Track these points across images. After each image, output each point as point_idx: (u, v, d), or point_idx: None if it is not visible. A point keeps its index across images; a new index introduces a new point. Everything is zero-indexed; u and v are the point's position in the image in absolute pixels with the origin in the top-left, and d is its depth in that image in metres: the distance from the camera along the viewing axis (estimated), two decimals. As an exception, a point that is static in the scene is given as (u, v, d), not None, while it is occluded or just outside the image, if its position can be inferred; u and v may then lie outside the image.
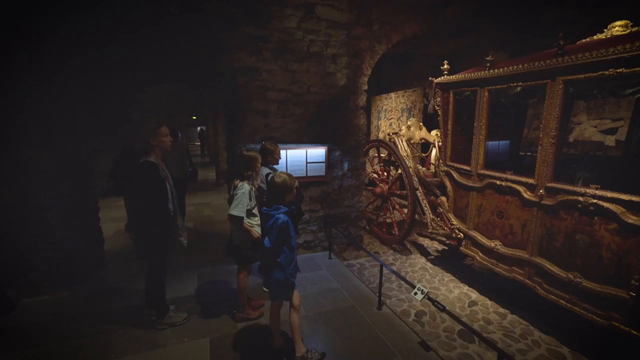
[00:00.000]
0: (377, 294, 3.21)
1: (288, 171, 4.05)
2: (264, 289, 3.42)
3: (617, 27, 2.71)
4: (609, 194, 2.37)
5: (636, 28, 2.63)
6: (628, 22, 2.71)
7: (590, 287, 2.50)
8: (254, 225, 2.68)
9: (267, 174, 3.10)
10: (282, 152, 4.04)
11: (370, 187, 5.55)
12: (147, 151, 2.50)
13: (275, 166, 3.36)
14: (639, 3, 3.91)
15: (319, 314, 3.03)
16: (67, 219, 3.31)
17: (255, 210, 2.69)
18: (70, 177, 3.34)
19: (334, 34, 4.13)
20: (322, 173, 4.35)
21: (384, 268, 3.17)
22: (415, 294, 2.69)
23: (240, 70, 3.84)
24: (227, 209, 2.61)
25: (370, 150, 5.85)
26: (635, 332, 2.25)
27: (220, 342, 2.63)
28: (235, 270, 2.92)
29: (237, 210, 2.53)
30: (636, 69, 2.19)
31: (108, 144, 5.49)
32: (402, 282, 3.64)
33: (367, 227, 5.59)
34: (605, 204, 2.37)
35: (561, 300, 2.73)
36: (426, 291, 2.66)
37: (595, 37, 2.85)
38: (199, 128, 22.91)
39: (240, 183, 2.59)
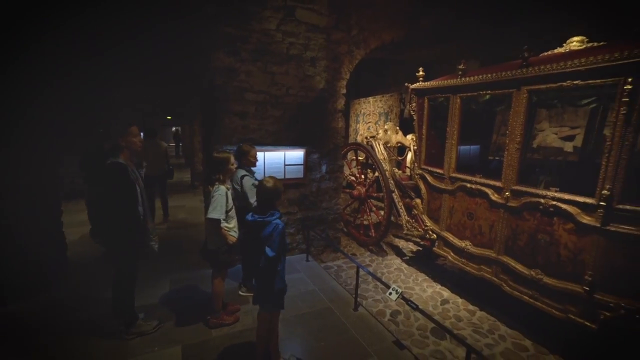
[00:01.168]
0: (354, 295, 3.26)
1: (266, 173, 4.05)
2: (240, 293, 3.37)
3: (575, 42, 2.93)
4: (567, 197, 2.56)
5: (591, 44, 2.85)
6: (584, 38, 2.94)
7: (550, 283, 2.67)
8: (231, 229, 2.64)
9: (242, 176, 3.06)
10: (260, 154, 4.01)
11: (348, 190, 5.62)
12: (115, 152, 2.40)
13: (253, 168, 3.33)
14: (595, 20, 4.25)
15: (295, 317, 3.03)
16: (28, 224, 3.11)
17: (232, 213, 2.65)
18: (34, 179, 3.14)
19: (313, 37, 4.17)
20: (300, 175, 4.36)
21: (360, 269, 3.23)
22: (390, 294, 2.75)
23: (218, 70, 3.78)
24: (203, 212, 2.56)
25: (349, 153, 5.93)
26: (588, 324, 2.44)
27: (192, 350, 2.55)
28: (211, 275, 2.86)
29: (216, 212, 2.48)
30: (590, 81, 2.38)
31: (76, 145, 5.24)
32: (378, 283, 3.71)
33: (345, 229, 5.66)
34: (563, 206, 2.55)
35: (524, 296, 2.90)
36: (400, 291, 2.74)
37: (555, 51, 3.06)
38: (173, 128, 22.22)
39: (215, 186, 2.54)
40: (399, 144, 5.57)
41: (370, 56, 5.38)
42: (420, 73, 4.06)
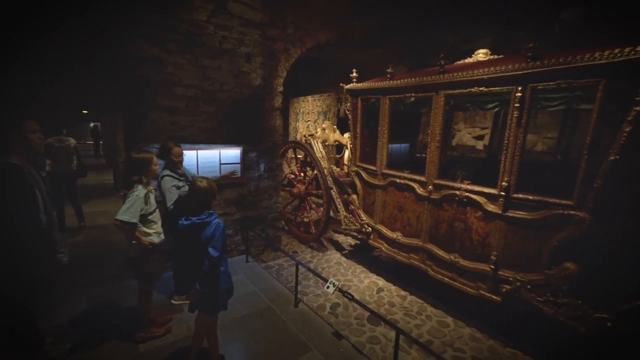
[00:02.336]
0: (294, 293, 3.28)
1: (200, 173, 3.83)
2: (173, 301, 3.15)
3: (481, 54, 3.36)
4: (476, 188, 2.93)
5: (493, 56, 3.30)
6: (488, 50, 3.38)
7: (465, 265, 3.04)
8: (152, 233, 2.43)
9: (163, 176, 2.86)
10: (192, 153, 3.80)
11: (288, 188, 5.62)
12: (5, 151, 2.01)
13: (188, 168, 3.13)
14: (498, 35, 4.94)
15: (234, 320, 2.93)
16: None
17: (153, 217, 2.43)
18: None
19: (247, 33, 4.06)
20: (238, 174, 4.21)
21: (300, 266, 3.26)
22: (328, 287, 2.84)
23: (142, 61, 3.45)
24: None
25: (289, 152, 5.93)
26: (494, 297, 2.84)
27: (116, 369, 2.31)
28: (136, 286, 2.61)
29: (128, 214, 2.23)
30: (491, 88, 2.76)
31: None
32: (319, 278, 3.80)
33: (286, 228, 5.66)
34: (474, 196, 2.92)
35: (445, 278, 3.25)
36: (337, 284, 2.84)
37: (466, 60, 3.46)
38: (92, 124, 19.62)
39: (134, 187, 2.31)
40: (337, 142, 5.75)
41: (308, 55, 5.44)
42: (354, 74, 4.24)
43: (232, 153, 4.14)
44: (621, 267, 2.27)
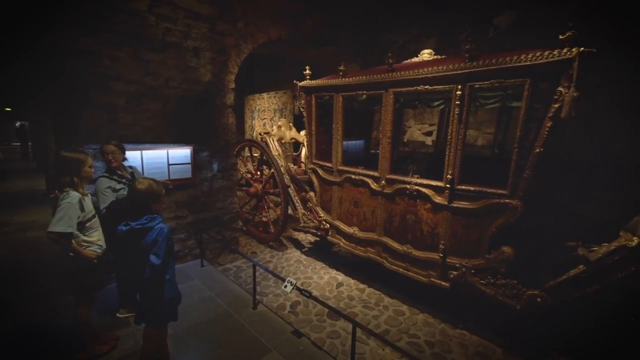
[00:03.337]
0: (253, 295, 3.21)
1: (146, 175, 3.57)
2: (118, 315, 2.90)
3: (425, 54, 3.53)
4: (425, 182, 3.09)
5: (436, 56, 3.49)
6: (432, 51, 3.57)
7: (418, 255, 3.20)
8: (94, 242, 2.21)
9: (98, 178, 2.66)
10: (136, 153, 3.53)
11: (245, 187, 5.47)
12: None
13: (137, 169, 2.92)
14: (442, 37, 5.24)
15: (188, 329, 2.79)
16: None
17: (92, 224, 2.21)
18: None
19: (194, 26, 3.85)
20: (189, 175, 4.00)
21: (257, 267, 3.19)
22: (286, 286, 2.82)
23: (72, 53, 3.11)
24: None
25: (245, 150, 5.76)
26: (443, 283, 3.03)
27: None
28: (73, 302, 2.36)
29: (60, 224, 2.01)
30: (435, 87, 2.91)
31: None
32: (277, 278, 3.76)
33: (244, 228, 5.51)
34: (423, 189, 3.08)
35: (400, 269, 3.39)
36: (295, 282, 2.83)
37: (413, 60, 3.62)
38: (18, 123, 17.39)
39: (64, 193, 2.08)
40: (293, 140, 5.71)
41: (262, 52, 5.33)
42: (307, 71, 4.22)
43: (181, 153, 3.91)
44: (547, 248, 2.55)
